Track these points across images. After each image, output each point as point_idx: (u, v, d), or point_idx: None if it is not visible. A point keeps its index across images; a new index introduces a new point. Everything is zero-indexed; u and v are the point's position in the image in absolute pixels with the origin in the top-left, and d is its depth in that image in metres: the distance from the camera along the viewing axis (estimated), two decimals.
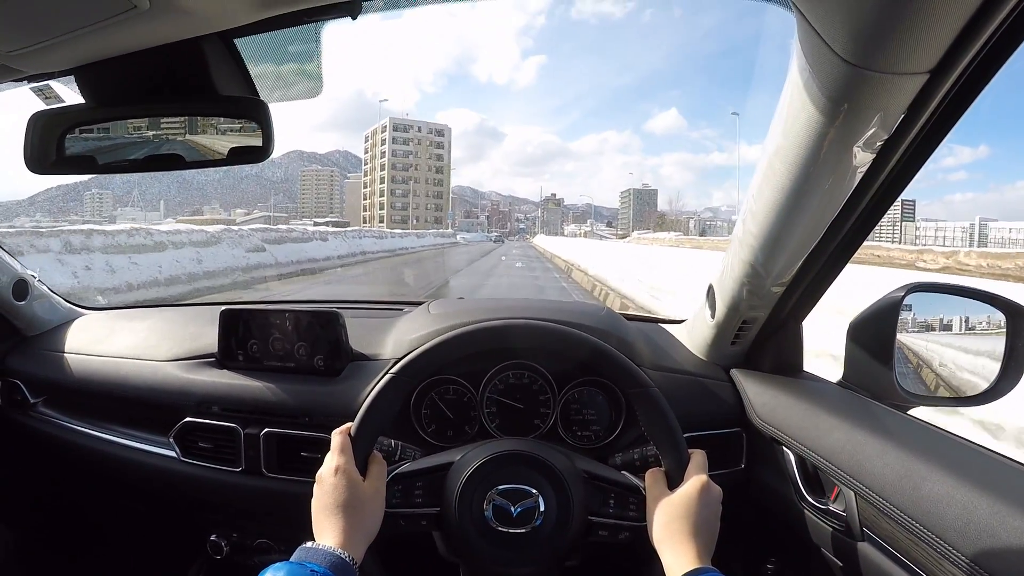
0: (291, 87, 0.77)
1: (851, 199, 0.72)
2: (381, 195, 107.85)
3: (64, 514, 1.40)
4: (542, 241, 53.51)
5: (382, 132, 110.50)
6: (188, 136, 0.70)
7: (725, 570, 0.64)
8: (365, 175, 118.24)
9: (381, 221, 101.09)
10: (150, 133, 0.70)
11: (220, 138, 0.71)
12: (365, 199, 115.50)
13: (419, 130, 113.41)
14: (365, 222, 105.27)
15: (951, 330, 0.91)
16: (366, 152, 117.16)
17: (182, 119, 0.70)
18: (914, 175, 0.68)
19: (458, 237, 61.68)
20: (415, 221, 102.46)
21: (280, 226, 18.84)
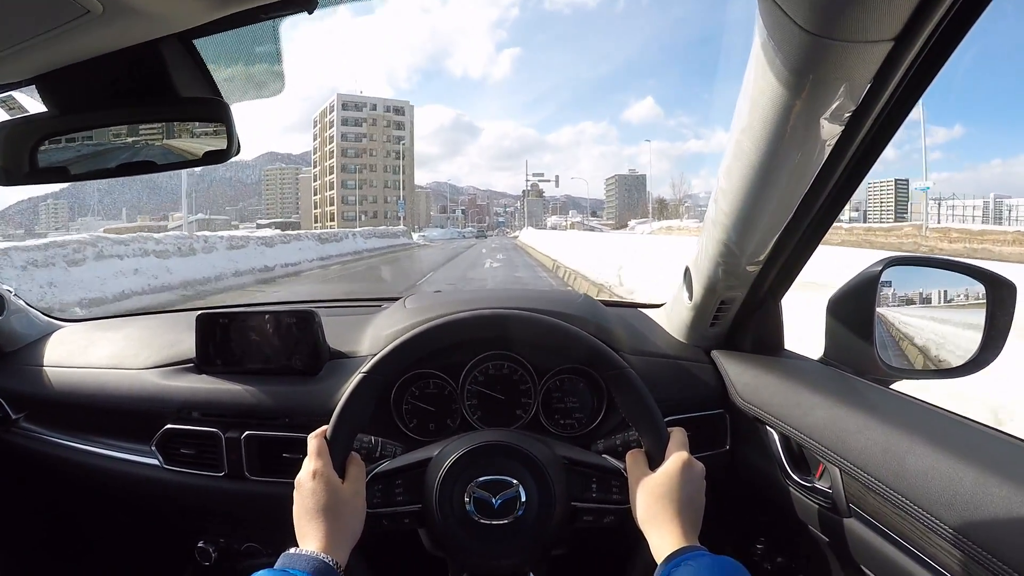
0: (253, 86, 0.76)
1: (822, 173, 0.71)
2: (332, 188, 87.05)
3: (51, 529, 1.38)
4: (531, 238, 35.65)
5: (331, 113, 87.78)
6: (163, 141, 0.70)
7: (714, 552, 0.64)
8: (314, 166, 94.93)
9: (332, 220, 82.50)
10: (127, 140, 0.70)
11: (191, 141, 0.70)
12: (315, 194, 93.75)
13: (374, 107, 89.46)
14: (317, 221, 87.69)
15: (931, 303, 0.91)
16: (315, 139, 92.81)
17: (156, 125, 0.69)
18: (884, 147, 0.68)
19: (415, 236, 46.55)
20: (363, 217, 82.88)
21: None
